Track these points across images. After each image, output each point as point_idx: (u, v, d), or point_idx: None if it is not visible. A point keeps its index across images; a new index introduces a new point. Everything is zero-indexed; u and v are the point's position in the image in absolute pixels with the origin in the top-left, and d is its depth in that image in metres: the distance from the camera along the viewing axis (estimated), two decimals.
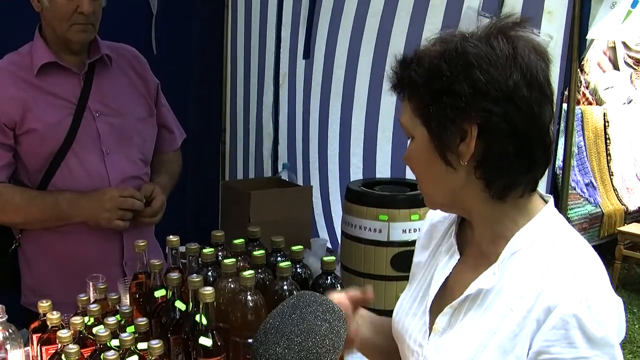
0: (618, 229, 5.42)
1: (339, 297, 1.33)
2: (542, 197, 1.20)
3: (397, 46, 2.76)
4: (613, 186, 5.79)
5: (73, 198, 2.08)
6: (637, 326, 4.81)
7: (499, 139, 1.08)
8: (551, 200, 1.19)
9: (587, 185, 5.54)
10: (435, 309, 1.23)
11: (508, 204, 1.15)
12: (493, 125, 1.07)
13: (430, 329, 1.23)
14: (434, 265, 1.29)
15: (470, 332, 1.14)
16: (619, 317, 1.08)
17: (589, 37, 2.12)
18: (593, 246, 1.17)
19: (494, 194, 1.13)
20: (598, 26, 2.12)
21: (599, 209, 5.52)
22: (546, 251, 1.11)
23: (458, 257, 1.24)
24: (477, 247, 1.22)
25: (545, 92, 1.09)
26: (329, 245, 3.08)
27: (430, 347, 1.21)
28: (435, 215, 1.36)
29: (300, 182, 3.46)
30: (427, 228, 1.39)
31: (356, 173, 3.11)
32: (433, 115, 1.10)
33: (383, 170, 2.99)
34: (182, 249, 1.85)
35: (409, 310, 1.31)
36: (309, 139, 3.42)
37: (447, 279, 1.25)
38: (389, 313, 2.10)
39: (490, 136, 1.08)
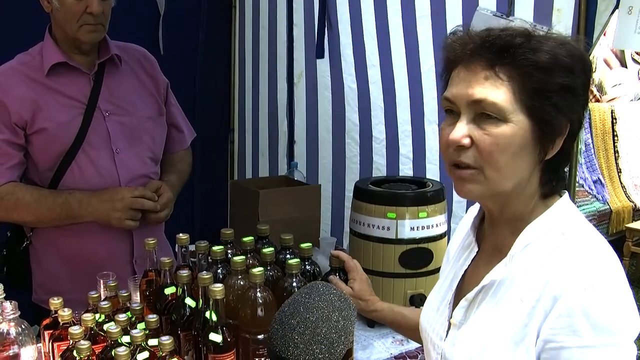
0: (626, 225, 5.40)
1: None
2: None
3: (425, 45, 2.76)
4: (621, 183, 5.75)
5: (83, 198, 2.10)
6: None
7: (571, 138, 1.14)
8: (566, 194, 1.20)
9: (595, 182, 5.52)
10: (456, 303, 1.26)
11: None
12: (576, 125, 1.13)
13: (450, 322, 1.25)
14: (458, 260, 1.32)
15: (483, 323, 1.16)
16: (632, 309, 1.08)
17: (613, 47, 2.11)
18: None
19: (544, 191, 1.17)
20: (620, 35, 2.10)
21: (607, 206, 5.49)
22: (556, 242, 1.12)
23: (477, 249, 1.27)
24: (492, 241, 1.24)
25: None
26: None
27: (448, 340, 1.23)
28: (470, 214, 1.38)
29: (315, 181, 3.44)
30: (460, 226, 1.41)
31: (378, 173, 3.09)
32: (551, 106, 1.09)
33: (407, 170, 2.97)
34: (192, 247, 1.86)
35: (435, 305, 1.34)
36: (324, 138, 3.41)
37: (466, 273, 1.27)
38: None
39: (569, 135, 1.13)
